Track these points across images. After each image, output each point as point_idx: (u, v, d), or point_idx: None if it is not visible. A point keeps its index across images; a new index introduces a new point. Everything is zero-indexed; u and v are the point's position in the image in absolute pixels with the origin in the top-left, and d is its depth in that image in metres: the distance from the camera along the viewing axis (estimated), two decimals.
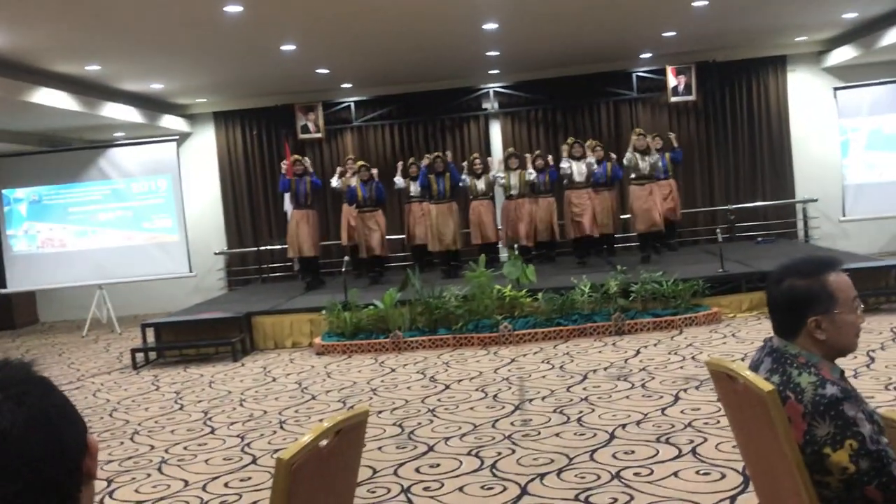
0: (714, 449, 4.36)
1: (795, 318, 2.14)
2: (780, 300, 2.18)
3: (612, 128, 12.45)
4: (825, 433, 2.01)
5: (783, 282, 2.17)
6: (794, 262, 2.22)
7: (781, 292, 2.17)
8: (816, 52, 12.15)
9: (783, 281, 2.17)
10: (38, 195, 11.64)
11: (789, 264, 2.23)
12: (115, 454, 5.37)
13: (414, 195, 10.92)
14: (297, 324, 8.83)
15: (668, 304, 8.12)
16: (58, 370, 8.67)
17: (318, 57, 9.99)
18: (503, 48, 10.37)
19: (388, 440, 5.12)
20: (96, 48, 8.39)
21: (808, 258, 2.23)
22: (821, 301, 2.12)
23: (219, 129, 12.96)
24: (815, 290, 2.13)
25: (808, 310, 2.12)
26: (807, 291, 2.13)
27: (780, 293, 2.18)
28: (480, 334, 7.97)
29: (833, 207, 11.77)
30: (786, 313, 2.17)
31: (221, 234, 12.98)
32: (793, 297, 2.14)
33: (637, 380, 6.08)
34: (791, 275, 2.17)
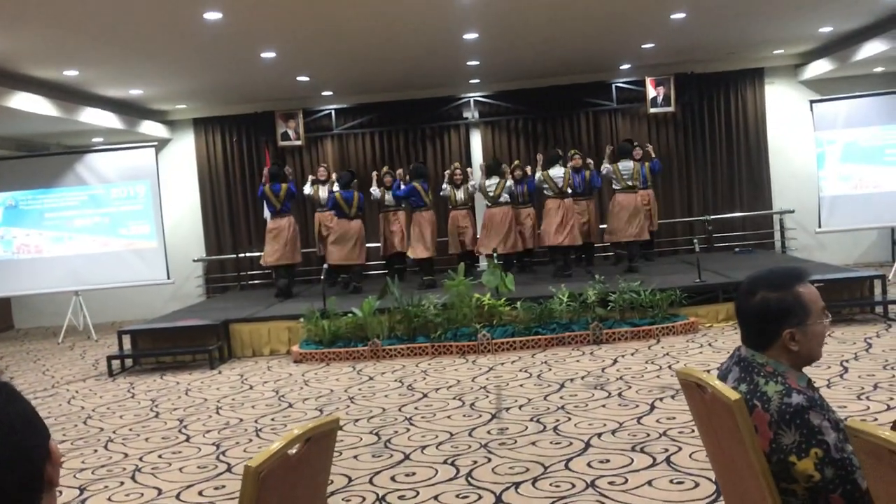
0: (688, 458, 4.39)
1: (769, 330, 2.16)
2: (752, 313, 2.19)
3: (592, 138, 12.53)
4: (791, 441, 2.03)
5: (755, 294, 2.18)
6: (763, 275, 2.23)
7: (754, 305, 2.18)
8: (793, 66, 12.31)
9: (755, 294, 2.18)
10: (15, 200, 11.52)
11: (759, 276, 2.23)
12: (89, 462, 5.32)
13: (389, 204, 10.89)
14: (275, 331, 8.80)
15: (646, 314, 8.17)
16: (33, 377, 8.58)
17: (298, 64, 9.99)
18: (483, 58, 10.42)
19: (364, 449, 5.10)
20: (75, 53, 8.34)
21: (778, 270, 2.25)
22: (795, 313, 2.15)
23: (198, 136, 12.91)
24: (788, 303, 2.15)
25: (784, 322, 2.14)
26: (781, 304, 2.15)
27: (753, 306, 2.18)
28: (459, 343, 7.98)
29: (809, 219, 11.91)
30: (759, 325, 2.18)
31: (200, 241, 12.91)
32: (767, 309, 2.16)
33: (614, 389, 6.11)
34: (763, 287, 2.18)
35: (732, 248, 12.10)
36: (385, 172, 11.04)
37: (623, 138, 11.89)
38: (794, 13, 9.14)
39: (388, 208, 10.93)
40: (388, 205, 10.91)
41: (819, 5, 8.81)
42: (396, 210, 10.88)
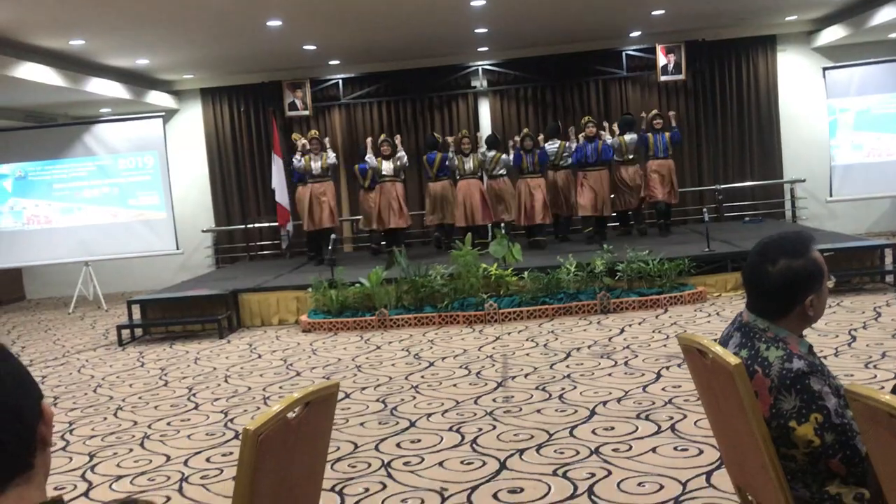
0: (693, 425, 4.40)
1: (793, 298, 2.12)
2: (777, 282, 2.11)
3: (602, 106, 12.41)
4: (791, 407, 2.02)
5: (776, 263, 2.11)
6: (778, 242, 2.17)
7: (778, 275, 2.11)
8: (806, 32, 12.13)
9: (776, 262, 2.11)
10: (24, 171, 11.56)
11: (773, 244, 2.17)
12: (98, 429, 5.37)
13: (386, 174, 10.55)
14: (283, 301, 8.83)
15: (654, 284, 8.14)
16: (44, 346, 8.66)
17: (304, 32, 9.91)
18: (491, 25, 10.31)
19: (371, 416, 5.13)
20: (80, 22, 8.29)
21: (789, 236, 2.19)
22: (815, 279, 2.12)
23: (206, 106, 12.88)
24: (810, 269, 2.11)
25: (808, 288, 2.11)
26: (804, 271, 2.11)
27: (776, 275, 2.11)
28: (466, 312, 7.99)
29: (820, 188, 11.81)
30: (783, 295, 2.12)
31: (209, 211, 12.93)
32: (794, 278, 2.10)
33: (620, 358, 6.11)
34: (782, 255, 2.12)
35: (742, 218, 12.02)
36: (383, 140, 10.74)
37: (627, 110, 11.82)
38: None
39: (384, 179, 10.61)
40: (385, 175, 10.58)
41: None
42: (394, 180, 10.61)
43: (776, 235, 2.22)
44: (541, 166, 10.60)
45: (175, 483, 4.24)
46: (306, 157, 10.59)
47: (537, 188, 10.50)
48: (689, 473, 3.74)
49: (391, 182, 10.56)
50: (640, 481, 3.71)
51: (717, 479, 3.64)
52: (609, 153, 10.63)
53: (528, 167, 10.53)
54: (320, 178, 10.59)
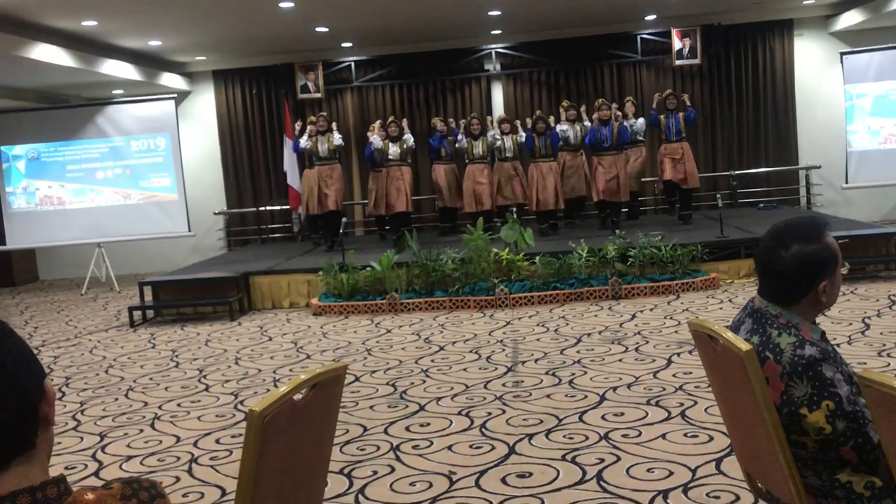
0: (703, 412, 4.37)
1: (806, 284, 2.09)
2: (790, 267, 2.08)
3: (616, 91, 12.31)
4: (802, 393, 2.00)
5: (788, 248, 2.09)
6: (791, 227, 2.14)
7: (792, 259, 2.08)
8: (824, 17, 11.98)
9: (788, 247, 2.09)
10: (37, 152, 11.59)
11: (787, 229, 2.14)
12: (109, 410, 5.40)
13: (392, 157, 10.46)
14: (294, 284, 8.84)
15: (666, 270, 8.10)
16: (56, 327, 8.71)
17: (316, 14, 9.86)
18: (505, 7, 10.22)
19: (381, 399, 5.14)
20: (93, 2, 8.28)
21: (803, 221, 2.16)
22: (829, 264, 2.10)
23: (218, 88, 12.86)
24: (823, 254, 2.09)
25: (822, 275, 2.08)
26: (818, 256, 2.08)
27: (789, 260, 2.08)
28: (477, 297, 7.97)
29: (836, 174, 11.70)
30: (797, 280, 2.09)
31: (221, 193, 12.95)
32: (808, 262, 2.08)
33: (631, 343, 6.09)
34: (795, 240, 2.09)
35: (757, 204, 11.92)
36: (390, 122, 10.61)
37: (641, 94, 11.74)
38: None
39: (391, 162, 10.48)
40: (391, 158, 10.49)
41: None
42: (401, 164, 10.51)
43: (790, 220, 2.19)
44: (552, 149, 10.34)
45: (185, 464, 4.26)
46: (313, 139, 10.41)
47: (549, 173, 10.21)
48: (698, 460, 3.73)
49: (398, 166, 10.47)
50: (649, 467, 3.70)
51: (726, 465, 3.62)
52: (626, 135, 10.33)
53: (542, 150, 10.26)
54: (327, 160, 10.41)
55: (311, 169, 10.63)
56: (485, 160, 10.47)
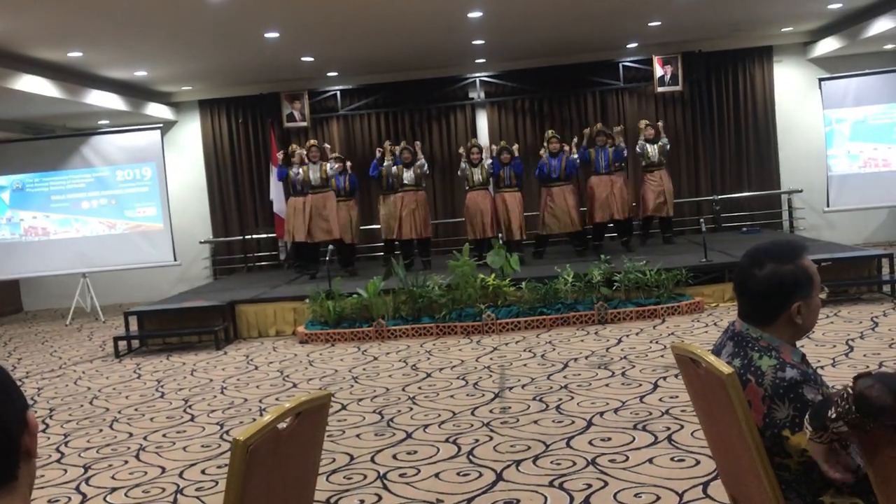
0: (690, 436, 4.38)
1: (778, 303, 2.11)
2: (762, 286, 2.12)
3: (599, 117, 12.42)
4: (784, 416, 2.01)
5: (762, 267, 2.12)
6: (767, 248, 2.18)
7: (764, 279, 2.11)
8: (802, 43, 12.18)
9: (762, 266, 2.12)
10: (22, 183, 11.56)
11: (762, 249, 2.18)
12: (94, 441, 5.35)
13: (408, 183, 10.40)
14: (280, 312, 8.82)
15: (651, 294, 8.14)
16: (40, 358, 8.64)
17: (302, 44, 9.94)
18: (489, 37, 10.34)
19: (367, 427, 5.12)
20: (79, 34, 8.32)
21: (780, 242, 2.20)
22: (803, 286, 2.12)
23: (204, 117, 12.89)
24: (798, 275, 2.11)
25: (794, 295, 2.11)
26: (792, 277, 2.11)
27: (762, 280, 2.12)
28: (463, 323, 7.98)
29: (817, 198, 11.82)
30: (768, 300, 2.12)
31: (207, 222, 12.93)
32: (779, 283, 2.11)
33: (617, 368, 6.10)
34: (770, 260, 2.13)
35: (740, 228, 12.02)
36: (403, 148, 10.55)
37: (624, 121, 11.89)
38: None
39: (406, 188, 10.39)
40: (406, 184, 10.39)
41: None
42: (416, 190, 10.43)
43: (768, 242, 2.23)
44: (517, 179, 10.28)
45: (170, 495, 4.22)
46: (304, 168, 10.30)
47: (514, 203, 10.22)
48: (685, 484, 3.73)
49: (413, 191, 10.43)
50: (636, 492, 3.70)
51: (713, 489, 3.62)
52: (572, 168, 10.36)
53: (506, 180, 10.25)
54: (320, 188, 10.30)
55: (297, 197, 10.62)
56: (485, 187, 10.40)
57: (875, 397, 1.63)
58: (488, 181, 10.42)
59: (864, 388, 1.66)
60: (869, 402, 1.63)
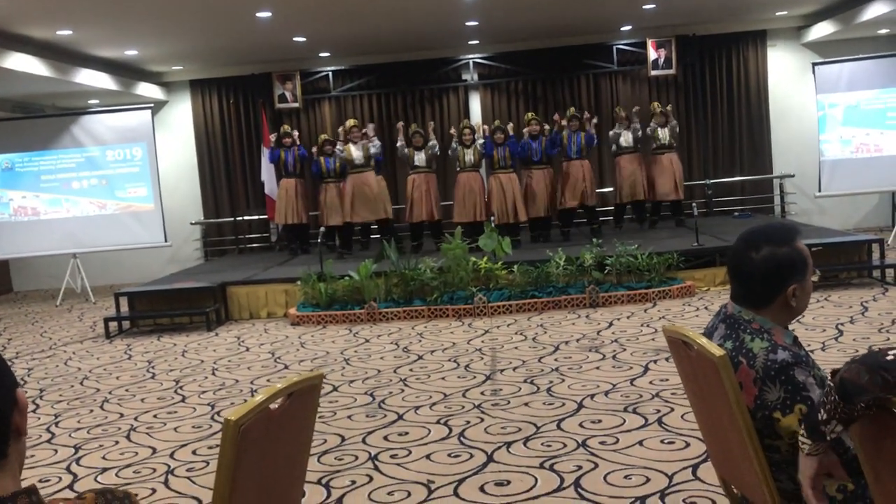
0: (679, 419, 4.41)
1: (775, 286, 2.12)
2: (759, 269, 2.12)
3: (592, 100, 12.42)
4: (775, 398, 2.02)
5: (759, 250, 2.12)
6: (763, 230, 2.18)
7: (761, 261, 2.11)
8: (796, 28, 12.15)
9: (759, 249, 2.12)
10: (11, 162, 11.46)
11: (758, 232, 2.18)
12: (84, 422, 5.34)
13: (419, 164, 10.32)
14: (272, 294, 8.80)
15: (643, 278, 8.16)
16: (31, 339, 8.61)
17: (294, 24, 9.86)
18: (482, 18, 10.28)
19: (359, 409, 5.12)
20: (68, 12, 8.22)
21: (775, 225, 2.22)
22: (799, 269, 2.12)
23: (195, 98, 12.80)
24: (794, 258, 2.12)
25: (791, 278, 2.11)
26: (788, 259, 2.11)
27: (759, 262, 2.12)
28: (455, 306, 7.98)
29: (809, 183, 11.85)
30: (765, 282, 2.12)
31: (198, 203, 12.87)
32: (777, 265, 2.11)
33: (608, 351, 6.12)
34: (766, 243, 2.13)
35: (732, 213, 12.05)
36: (414, 132, 10.46)
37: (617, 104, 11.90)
38: None
39: (417, 169, 10.35)
40: (417, 165, 10.35)
41: None
42: (427, 172, 10.37)
43: (763, 225, 2.23)
44: (512, 159, 10.22)
45: (161, 475, 4.22)
46: (347, 147, 10.26)
47: (509, 184, 10.14)
48: (675, 466, 3.75)
49: (424, 173, 10.38)
50: (626, 474, 3.72)
51: (703, 471, 3.65)
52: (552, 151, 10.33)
53: (500, 161, 10.16)
54: (362, 167, 10.27)
55: (288, 178, 10.66)
56: (476, 168, 10.34)
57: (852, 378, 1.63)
58: (480, 163, 10.37)
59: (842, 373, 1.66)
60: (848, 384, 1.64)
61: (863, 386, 1.61)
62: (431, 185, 10.42)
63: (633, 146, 10.69)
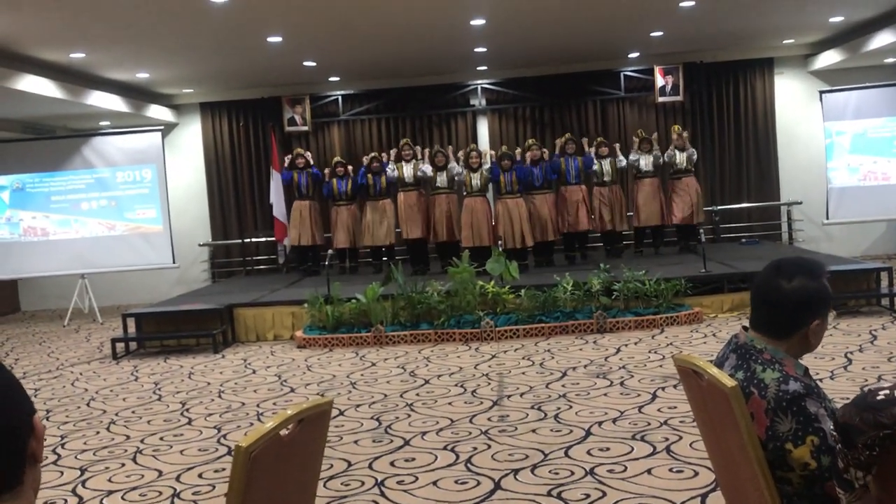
0: (688, 447, 4.38)
1: (801, 318, 2.12)
2: (790, 298, 2.11)
3: (600, 126, 12.47)
4: (787, 429, 2.01)
5: (791, 280, 2.12)
6: (795, 262, 2.19)
7: (793, 291, 2.11)
8: (803, 56, 12.21)
9: (791, 279, 2.12)
10: (22, 183, 11.55)
11: (791, 263, 2.18)
12: (91, 443, 5.34)
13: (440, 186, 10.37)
14: (278, 316, 8.81)
15: (650, 303, 8.14)
16: (38, 359, 8.62)
17: (304, 49, 9.95)
18: (491, 45, 10.36)
19: (365, 434, 5.11)
20: (81, 35, 8.32)
21: (806, 259, 2.23)
22: (825, 304, 2.14)
23: (205, 120, 12.90)
24: (823, 293, 2.14)
25: (817, 312, 2.13)
26: (818, 293, 2.13)
27: (790, 292, 2.11)
28: (462, 330, 7.97)
29: (817, 210, 11.84)
30: (793, 312, 2.12)
31: (206, 225, 12.92)
32: (808, 297, 2.11)
33: (616, 378, 6.10)
34: (800, 274, 2.13)
35: (739, 239, 12.04)
36: (436, 151, 10.53)
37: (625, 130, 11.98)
38: (804, 2, 9.05)
39: (438, 190, 10.42)
40: (439, 186, 10.40)
41: None
42: (449, 193, 10.43)
43: (794, 256, 2.25)
44: (519, 185, 10.19)
45: (167, 499, 4.21)
46: (399, 166, 10.43)
47: (516, 209, 10.12)
48: (684, 496, 3.72)
49: (446, 194, 10.43)
50: (635, 503, 3.69)
51: (712, 501, 3.62)
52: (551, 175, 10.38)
53: (507, 186, 10.15)
54: (411, 187, 10.45)
55: (301, 201, 10.76)
56: (482, 193, 10.36)
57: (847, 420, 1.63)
58: (486, 187, 10.40)
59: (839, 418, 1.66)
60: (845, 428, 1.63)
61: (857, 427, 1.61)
62: (452, 206, 10.46)
63: (652, 171, 10.73)
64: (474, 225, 10.21)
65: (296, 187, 10.98)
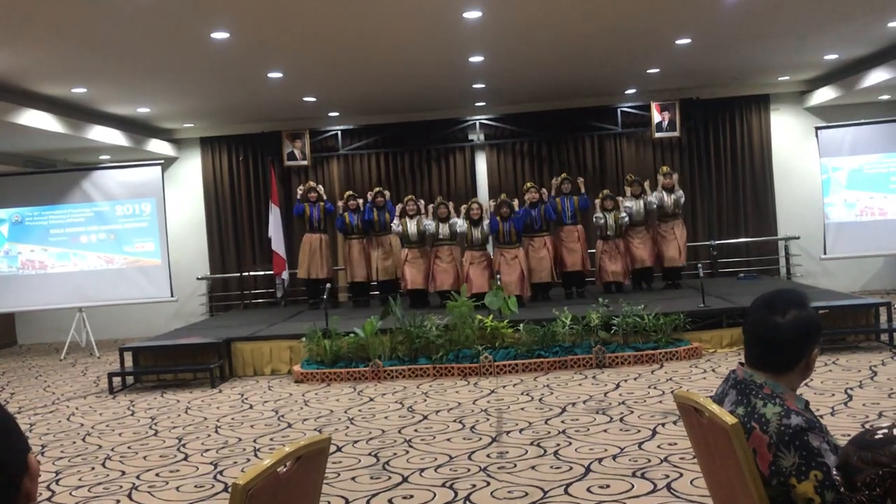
0: (689, 484, 4.34)
1: (802, 350, 2.12)
2: (790, 333, 2.10)
3: (597, 162, 12.55)
4: (790, 464, 2.00)
5: (785, 314, 2.12)
6: (780, 295, 2.19)
7: (790, 325, 2.10)
8: (799, 92, 12.33)
9: (785, 313, 2.12)
10: (21, 216, 11.57)
11: (776, 297, 2.18)
12: (86, 479, 5.28)
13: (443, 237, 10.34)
14: (276, 351, 8.78)
15: (650, 338, 8.12)
16: (33, 393, 8.56)
17: (304, 85, 10.04)
18: (489, 81, 10.46)
19: (363, 470, 5.06)
20: (83, 71, 8.40)
21: (789, 290, 2.23)
22: (819, 330, 2.14)
23: (205, 155, 12.97)
24: (816, 319, 2.13)
25: (815, 340, 2.13)
26: (813, 321, 2.12)
27: (787, 326, 2.10)
28: (461, 364, 7.94)
29: (814, 245, 11.87)
30: (794, 346, 2.11)
31: (204, 259, 12.92)
32: (806, 328, 2.11)
33: (616, 413, 6.06)
34: (791, 306, 2.13)
35: (737, 274, 12.05)
36: (439, 203, 10.49)
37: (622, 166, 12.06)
38: (799, 40, 9.17)
39: (441, 242, 10.36)
40: (441, 238, 10.34)
41: (824, 33, 8.84)
42: (452, 245, 10.33)
43: (775, 290, 2.23)
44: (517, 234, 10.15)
45: None
46: (403, 221, 10.41)
47: (515, 261, 10.06)
48: None
49: (448, 246, 10.36)
50: None
51: None
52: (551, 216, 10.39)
53: (506, 237, 10.08)
54: (416, 244, 10.42)
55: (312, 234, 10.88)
56: (483, 247, 10.27)
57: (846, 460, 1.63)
58: (487, 240, 10.34)
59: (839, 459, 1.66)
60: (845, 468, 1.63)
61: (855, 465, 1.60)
62: (455, 256, 10.37)
63: (643, 219, 10.71)
64: (476, 277, 10.03)
65: (307, 220, 11.02)
